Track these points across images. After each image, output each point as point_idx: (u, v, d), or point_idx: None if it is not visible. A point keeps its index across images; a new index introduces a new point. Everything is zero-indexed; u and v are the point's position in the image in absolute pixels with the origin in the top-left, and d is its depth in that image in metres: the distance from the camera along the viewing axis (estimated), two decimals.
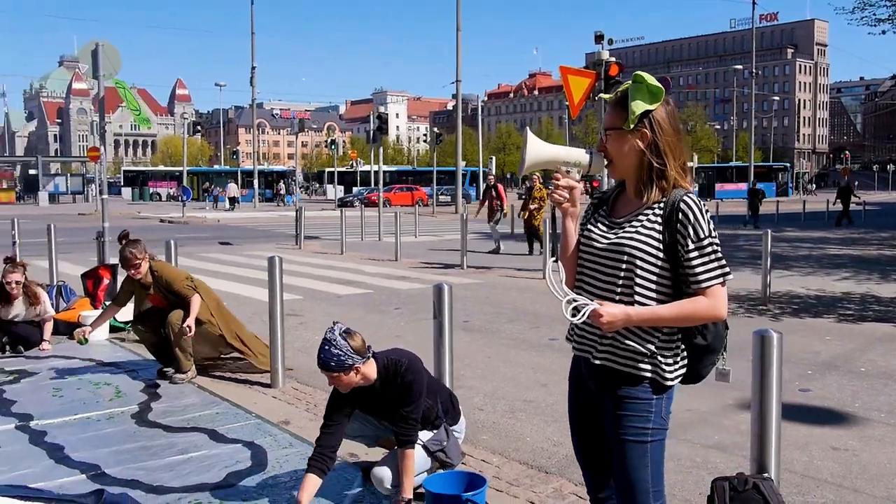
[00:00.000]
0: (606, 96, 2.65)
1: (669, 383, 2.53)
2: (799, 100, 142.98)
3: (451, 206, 44.38)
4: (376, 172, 40.14)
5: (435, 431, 4.05)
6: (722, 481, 3.11)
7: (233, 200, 47.49)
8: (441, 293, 4.68)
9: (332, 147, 57.47)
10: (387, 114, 22.50)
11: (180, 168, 55.85)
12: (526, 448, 5.10)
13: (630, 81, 2.52)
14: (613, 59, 15.13)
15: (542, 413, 5.82)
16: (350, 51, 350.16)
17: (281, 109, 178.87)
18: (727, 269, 2.46)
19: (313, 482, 3.68)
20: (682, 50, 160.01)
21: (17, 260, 7.63)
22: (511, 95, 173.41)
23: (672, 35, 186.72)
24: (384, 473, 3.92)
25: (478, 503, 3.46)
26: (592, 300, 2.46)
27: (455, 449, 4.11)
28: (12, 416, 5.44)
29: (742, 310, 10.30)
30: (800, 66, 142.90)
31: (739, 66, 76.16)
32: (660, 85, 2.48)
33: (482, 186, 29.26)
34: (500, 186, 19.55)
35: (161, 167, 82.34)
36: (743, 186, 63.25)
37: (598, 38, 15.55)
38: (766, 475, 3.23)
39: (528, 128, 2.57)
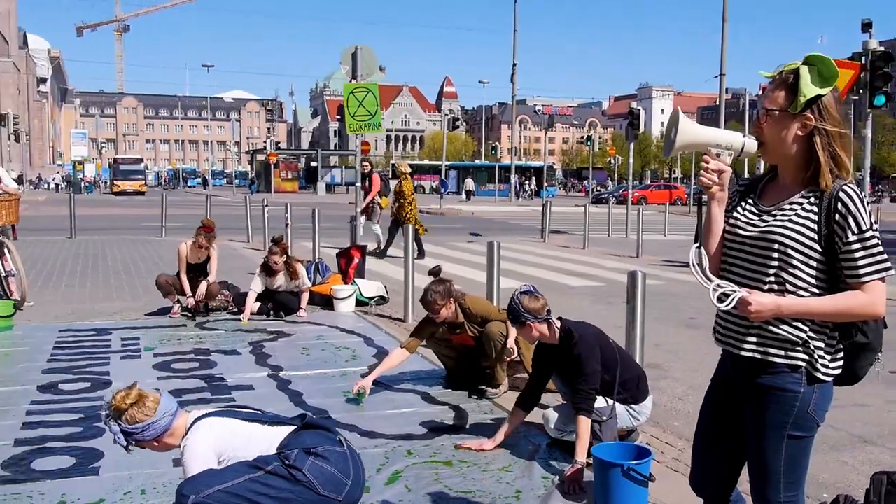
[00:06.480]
0: (768, 74, 2.47)
1: (822, 376, 2.38)
2: None
3: None
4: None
5: (604, 404, 4.34)
6: (880, 475, 3.12)
7: (469, 193, 51.74)
8: (634, 279, 4.91)
9: (589, 143, 57.45)
10: (639, 109, 22.23)
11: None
12: None
13: (800, 62, 2.36)
14: (882, 48, 14.11)
15: None
16: (615, 45, 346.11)
17: (543, 105, 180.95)
18: (889, 265, 2.31)
19: (518, 415, 4.50)
20: None
21: (282, 241, 8.68)
22: None
23: None
24: (550, 415, 4.54)
25: (641, 472, 3.68)
26: (740, 289, 2.38)
27: (612, 428, 4.38)
28: (267, 367, 6.44)
29: None
30: None
31: None
32: (835, 68, 2.31)
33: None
34: (376, 177, 15.81)
35: (426, 161, 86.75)
36: None
37: (866, 27, 14.53)
38: None
39: (678, 108, 2.54)
